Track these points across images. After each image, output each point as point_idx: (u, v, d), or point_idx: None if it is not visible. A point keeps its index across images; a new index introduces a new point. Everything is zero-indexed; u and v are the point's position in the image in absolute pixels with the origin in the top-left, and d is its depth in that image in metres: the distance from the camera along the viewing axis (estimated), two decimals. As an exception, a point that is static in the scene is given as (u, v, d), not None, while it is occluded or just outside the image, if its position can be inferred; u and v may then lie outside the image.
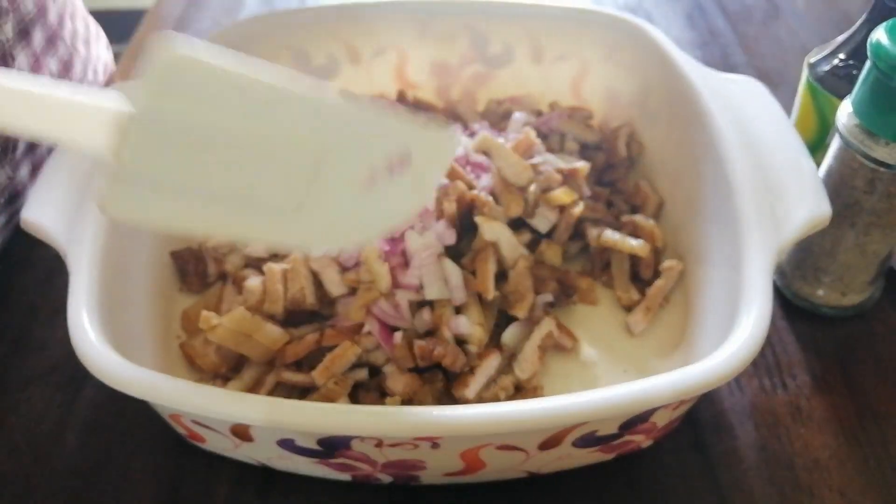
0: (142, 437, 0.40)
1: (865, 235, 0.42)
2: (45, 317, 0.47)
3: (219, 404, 0.31)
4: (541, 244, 0.46)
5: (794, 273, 0.47)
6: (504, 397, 0.40)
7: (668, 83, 0.49)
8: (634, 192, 0.51)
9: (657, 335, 0.45)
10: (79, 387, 0.43)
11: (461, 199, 0.44)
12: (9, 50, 0.47)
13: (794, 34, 0.73)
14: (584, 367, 0.43)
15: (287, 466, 0.37)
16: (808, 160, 0.40)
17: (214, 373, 0.41)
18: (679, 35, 0.72)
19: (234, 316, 0.39)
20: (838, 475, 0.39)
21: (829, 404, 0.42)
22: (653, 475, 0.39)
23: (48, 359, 0.44)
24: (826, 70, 0.49)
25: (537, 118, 0.54)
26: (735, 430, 0.41)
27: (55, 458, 0.40)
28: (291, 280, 0.42)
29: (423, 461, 0.34)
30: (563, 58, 0.56)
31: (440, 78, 0.57)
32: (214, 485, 0.39)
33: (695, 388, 0.32)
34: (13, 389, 0.43)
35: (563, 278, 0.46)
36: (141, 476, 0.39)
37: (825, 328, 0.46)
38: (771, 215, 0.38)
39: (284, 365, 0.40)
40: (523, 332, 0.43)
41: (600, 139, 0.54)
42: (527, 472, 0.37)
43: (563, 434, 0.33)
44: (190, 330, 0.43)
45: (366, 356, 0.40)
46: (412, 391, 0.39)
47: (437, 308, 0.41)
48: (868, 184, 0.40)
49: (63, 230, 0.38)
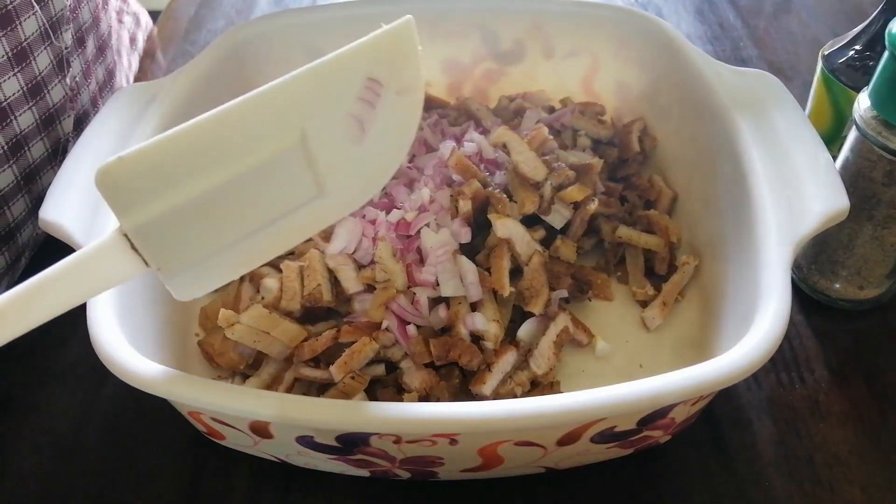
0: (161, 435, 0.41)
1: (884, 228, 0.42)
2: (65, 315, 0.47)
3: (240, 402, 0.31)
4: (555, 240, 0.46)
5: (811, 267, 0.46)
6: (520, 393, 0.40)
7: (680, 77, 0.49)
8: (648, 187, 0.51)
9: (673, 330, 0.44)
10: (99, 385, 0.43)
11: (476, 197, 0.44)
12: (66, 56, 0.49)
13: (805, 27, 0.72)
14: (600, 362, 0.43)
15: (306, 463, 0.37)
16: (824, 153, 0.40)
17: (233, 370, 0.41)
18: (689, 29, 0.72)
19: (252, 314, 0.39)
20: (859, 470, 0.39)
21: (847, 398, 0.42)
22: (671, 470, 0.39)
23: (68, 357, 0.45)
24: (841, 62, 0.48)
25: (549, 114, 0.54)
26: (753, 425, 0.41)
27: (76, 456, 0.40)
28: (308, 277, 0.42)
29: (442, 457, 0.34)
30: (574, 53, 0.56)
31: (452, 75, 0.57)
32: (234, 481, 0.39)
33: (714, 384, 0.32)
34: (34, 388, 0.43)
35: (578, 274, 0.46)
36: (161, 473, 0.39)
37: (842, 322, 0.46)
38: (787, 209, 0.38)
39: (302, 361, 0.40)
40: (538, 327, 0.43)
41: (613, 134, 0.53)
42: (544, 468, 0.37)
43: (582, 430, 0.33)
44: (208, 327, 0.44)
45: (383, 352, 0.40)
46: (429, 387, 0.39)
47: (453, 305, 0.41)
48: (886, 175, 0.40)
49: (81, 229, 0.38)
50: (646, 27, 0.52)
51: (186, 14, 0.76)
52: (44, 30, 0.46)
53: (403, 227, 0.43)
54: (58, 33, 0.48)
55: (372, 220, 0.45)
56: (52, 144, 0.50)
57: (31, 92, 0.46)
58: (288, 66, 0.53)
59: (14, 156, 0.46)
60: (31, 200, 0.48)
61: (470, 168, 0.45)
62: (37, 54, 0.46)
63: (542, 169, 0.45)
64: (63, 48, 0.49)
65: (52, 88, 0.48)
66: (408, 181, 0.48)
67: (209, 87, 0.48)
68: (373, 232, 0.44)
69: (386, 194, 0.48)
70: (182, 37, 0.73)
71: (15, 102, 0.45)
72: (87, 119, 0.55)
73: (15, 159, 0.47)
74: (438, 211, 0.44)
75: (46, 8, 0.47)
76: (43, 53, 0.47)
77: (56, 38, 0.48)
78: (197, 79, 0.48)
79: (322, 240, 0.45)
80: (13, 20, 0.44)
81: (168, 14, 0.76)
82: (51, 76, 0.48)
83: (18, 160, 0.47)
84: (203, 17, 0.76)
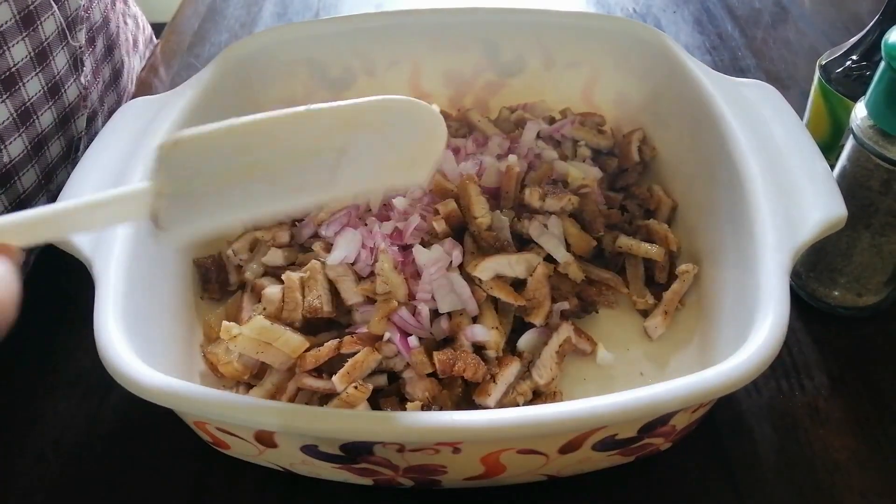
0: (167, 444, 0.41)
1: (881, 236, 0.42)
2: (72, 326, 0.48)
3: (245, 411, 0.32)
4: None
5: (810, 274, 0.47)
6: (522, 402, 0.40)
7: (679, 88, 0.50)
8: (648, 197, 0.51)
9: (672, 338, 0.45)
10: (105, 395, 0.44)
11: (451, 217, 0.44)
12: (79, 56, 0.50)
13: (802, 36, 0.73)
14: (601, 370, 0.43)
15: (310, 472, 0.38)
16: (822, 162, 0.40)
17: (237, 380, 0.42)
18: (688, 40, 0.73)
19: (253, 325, 0.40)
20: (859, 477, 0.39)
21: (847, 405, 0.42)
22: (672, 477, 0.39)
23: (74, 367, 0.45)
24: (838, 72, 0.49)
25: (549, 125, 0.55)
26: (753, 432, 0.41)
27: (81, 465, 0.41)
28: (309, 288, 0.42)
29: (445, 466, 0.35)
30: (574, 65, 0.56)
31: (453, 87, 0.58)
32: (239, 490, 0.39)
33: (714, 392, 0.32)
34: (40, 397, 0.44)
35: (584, 294, 0.46)
36: (166, 482, 0.40)
37: (841, 329, 0.46)
38: (786, 217, 0.38)
39: (305, 371, 0.40)
40: (540, 338, 0.43)
41: (613, 144, 0.54)
42: (546, 476, 0.37)
43: (584, 438, 0.33)
44: (212, 338, 0.44)
45: (385, 362, 0.40)
46: (432, 396, 0.39)
47: (455, 316, 0.42)
48: (883, 185, 0.40)
49: (88, 242, 0.38)
50: (645, 38, 0.53)
51: (190, 28, 0.77)
52: (61, 29, 0.47)
53: (398, 236, 0.44)
54: (73, 32, 0.49)
55: (370, 230, 0.45)
56: (67, 143, 0.51)
57: (50, 91, 0.47)
58: (292, 80, 0.55)
59: (36, 155, 0.48)
60: (48, 199, 0.49)
61: (448, 191, 0.45)
62: (55, 54, 0.47)
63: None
64: (77, 47, 0.49)
65: (68, 88, 0.49)
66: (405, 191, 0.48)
67: (214, 100, 0.49)
68: (371, 242, 0.44)
69: (385, 206, 0.48)
70: (186, 50, 0.74)
71: (37, 102, 0.47)
72: (97, 118, 0.56)
73: (37, 158, 0.48)
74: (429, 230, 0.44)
75: (63, 7, 0.48)
76: (60, 53, 0.48)
77: (72, 38, 0.48)
78: (201, 92, 0.49)
79: (322, 250, 0.45)
80: (34, 20, 0.45)
81: (172, 27, 0.77)
82: (67, 75, 0.49)
83: (40, 159, 0.48)
84: (207, 31, 0.76)
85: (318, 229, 0.47)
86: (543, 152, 0.52)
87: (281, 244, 0.48)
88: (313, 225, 0.48)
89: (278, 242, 0.48)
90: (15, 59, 0.45)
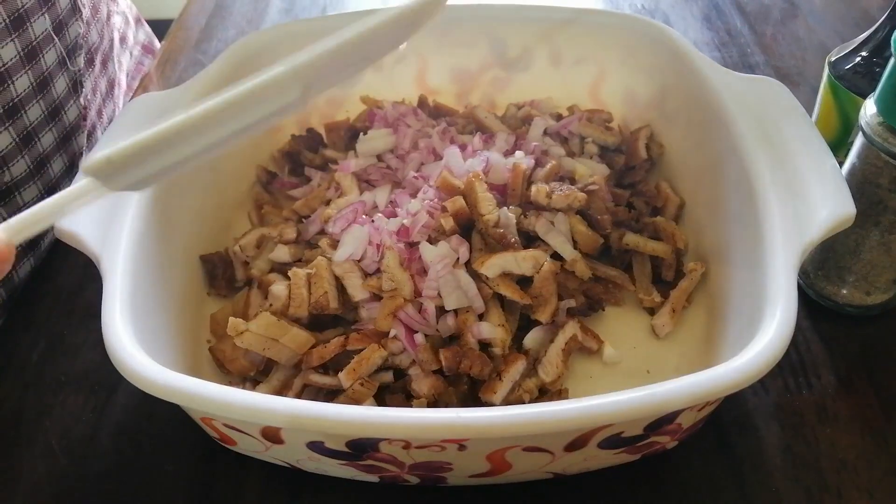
0: (173, 440, 0.41)
1: (890, 234, 0.42)
2: (79, 321, 0.48)
3: (252, 407, 0.32)
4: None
5: (818, 272, 0.46)
6: (528, 400, 0.40)
7: (687, 84, 0.49)
8: (655, 194, 0.51)
9: (679, 336, 0.45)
10: (111, 390, 0.44)
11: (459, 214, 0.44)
12: (78, 78, 0.51)
13: (812, 33, 0.72)
14: (607, 368, 0.43)
15: (316, 468, 0.38)
16: (830, 159, 0.40)
17: (243, 376, 0.42)
18: (696, 36, 0.72)
19: (260, 321, 0.40)
20: (867, 476, 0.39)
21: (854, 404, 0.42)
22: (678, 476, 0.39)
23: (81, 363, 0.45)
24: (848, 68, 0.49)
25: (557, 122, 0.54)
26: (760, 431, 0.41)
27: (88, 461, 0.41)
28: (315, 285, 0.42)
29: (450, 463, 0.35)
30: (582, 61, 0.56)
31: (460, 83, 0.58)
32: (245, 487, 0.39)
33: (721, 390, 0.32)
34: (47, 393, 0.44)
35: (590, 292, 0.46)
36: (172, 478, 0.40)
37: (849, 327, 0.46)
38: (794, 215, 0.38)
39: (311, 368, 0.40)
40: (546, 335, 0.43)
41: (620, 141, 0.54)
42: (552, 473, 0.37)
43: (589, 435, 0.33)
44: (219, 334, 0.44)
45: (391, 359, 0.40)
46: (438, 393, 0.39)
47: (461, 313, 0.42)
48: (893, 182, 0.40)
49: (96, 238, 0.39)
50: (653, 34, 0.53)
51: (197, 24, 0.77)
52: (62, 58, 0.48)
53: (404, 233, 0.44)
54: (73, 59, 0.50)
55: (378, 227, 0.45)
56: (70, 159, 0.52)
57: (51, 115, 0.49)
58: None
59: (38, 173, 0.49)
60: None
61: (455, 189, 0.45)
62: (56, 80, 0.49)
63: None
64: (77, 71, 0.50)
65: (68, 109, 0.51)
66: (413, 190, 0.48)
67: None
68: (378, 238, 0.44)
69: (391, 202, 0.48)
70: (193, 46, 0.74)
71: (38, 126, 0.48)
72: (96, 131, 0.57)
73: (39, 176, 0.49)
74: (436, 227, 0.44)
75: (64, 38, 0.49)
76: (61, 78, 0.49)
77: (71, 63, 0.50)
78: (209, 88, 0.49)
79: (329, 247, 0.45)
80: (37, 54, 0.46)
81: (179, 24, 0.77)
82: (67, 98, 0.50)
83: (42, 177, 0.49)
84: (214, 27, 0.77)
85: (325, 226, 0.47)
86: (550, 149, 0.51)
87: (287, 241, 0.48)
88: (320, 221, 0.48)
89: (285, 239, 0.48)
90: (18, 90, 0.46)
